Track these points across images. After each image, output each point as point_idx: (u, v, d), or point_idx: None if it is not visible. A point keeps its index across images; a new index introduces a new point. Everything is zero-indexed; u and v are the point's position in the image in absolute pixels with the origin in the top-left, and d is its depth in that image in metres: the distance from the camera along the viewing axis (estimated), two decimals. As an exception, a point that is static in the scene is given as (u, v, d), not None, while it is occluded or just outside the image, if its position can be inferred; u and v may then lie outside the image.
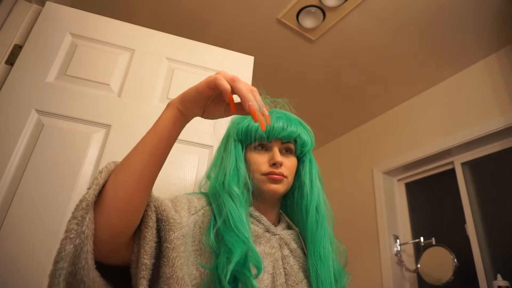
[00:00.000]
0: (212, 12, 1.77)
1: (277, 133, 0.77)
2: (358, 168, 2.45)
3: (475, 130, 1.79)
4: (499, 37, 1.73)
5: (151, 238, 0.57)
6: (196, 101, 0.57)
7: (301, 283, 0.71)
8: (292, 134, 0.78)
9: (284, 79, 2.19)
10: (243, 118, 0.81)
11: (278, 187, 0.75)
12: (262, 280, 0.67)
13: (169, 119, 0.58)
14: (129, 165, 0.56)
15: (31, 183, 0.94)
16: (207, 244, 0.66)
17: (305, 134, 0.82)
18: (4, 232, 0.88)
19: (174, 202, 0.69)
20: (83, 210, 0.50)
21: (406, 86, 2.15)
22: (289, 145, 0.80)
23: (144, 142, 0.58)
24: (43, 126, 1.02)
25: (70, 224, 0.50)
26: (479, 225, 1.75)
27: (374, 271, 2.05)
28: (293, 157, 0.81)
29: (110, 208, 0.53)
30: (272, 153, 0.77)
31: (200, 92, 0.56)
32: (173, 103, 0.59)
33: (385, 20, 1.71)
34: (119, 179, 0.55)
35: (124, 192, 0.54)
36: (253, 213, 0.76)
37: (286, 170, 0.77)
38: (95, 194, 0.52)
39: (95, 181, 0.54)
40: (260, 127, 0.56)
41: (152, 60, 1.21)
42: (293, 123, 0.80)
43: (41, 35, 1.13)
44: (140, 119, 1.11)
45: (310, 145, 0.83)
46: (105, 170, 0.56)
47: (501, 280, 1.50)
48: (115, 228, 0.54)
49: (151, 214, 0.59)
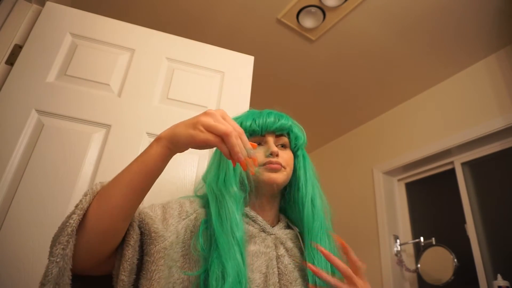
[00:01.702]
0: (212, 12, 1.77)
1: (269, 126, 0.79)
2: (358, 168, 2.45)
3: (475, 130, 1.79)
4: (499, 37, 1.73)
5: (130, 256, 0.59)
6: (189, 146, 0.58)
7: (295, 282, 0.71)
8: (284, 125, 0.81)
9: (284, 79, 2.19)
10: (236, 119, 0.82)
11: (276, 176, 0.76)
12: (254, 280, 0.67)
13: (158, 155, 0.57)
14: (112, 197, 0.56)
15: (31, 183, 0.94)
16: (195, 248, 0.66)
17: (296, 129, 0.84)
18: (4, 232, 0.88)
19: (165, 208, 0.70)
20: (68, 236, 0.52)
21: (406, 86, 2.15)
22: (283, 139, 0.82)
23: (129, 175, 0.57)
24: (43, 126, 1.02)
25: (56, 249, 0.52)
26: (479, 225, 1.75)
27: (374, 271, 2.05)
28: (289, 151, 0.83)
29: (91, 232, 0.55)
30: (268, 145, 0.79)
31: (196, 142, 0.56)
32: (162, 140, 0.58)
33: (385, 20, 1.71)
34: (102, 207, 0.55)
35: (106, 220, 0.55)
36: (248, 213, 0.77)
37: (283, 161, 0.78)
38: (79, 219, 0.54)
39: (79, 204, 0.55)
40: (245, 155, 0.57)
41: (152, 60, 1.21)
42: (284, 117, 0.83)
43: (41, 35, 1.13)
44: (140, 119, 1.11)
45: (302, 140, 0.85)
46: (90, 193, 0.57)
47: (501, 280, 1.50)
48: (96, 249, 0.57)
49: (133, 233, 0.61)
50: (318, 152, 2.95)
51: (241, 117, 0.83)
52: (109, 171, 1.01)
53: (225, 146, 0.54)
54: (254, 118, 0.81)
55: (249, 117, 0.81)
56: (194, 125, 0.55)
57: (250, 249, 0.71)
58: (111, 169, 1.02)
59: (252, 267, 0.69)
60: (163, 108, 1.16)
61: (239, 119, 0.82)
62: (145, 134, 1.09)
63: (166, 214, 0.68)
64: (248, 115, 0.83)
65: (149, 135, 1.10)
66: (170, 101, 1.17)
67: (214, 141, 0.54)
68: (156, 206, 0.70)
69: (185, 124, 0.57)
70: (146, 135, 1.10)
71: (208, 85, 1.24)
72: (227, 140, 0.54)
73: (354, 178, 2.47)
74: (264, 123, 0.79)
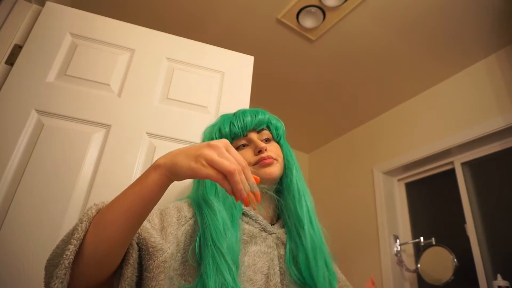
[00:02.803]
0: (212, 12, 1.77)
1: (248, 125, 0.80)
2: (358, 168, 2.45)
3: (475, 130, 1.79)
4: (499, 37, 1.73)
5: (129, 275, 0.57)
6: (189, 178, 0.55)
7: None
8: (262, 120, 0.82)
9: (284, 79, 2.19)
10: (213, 126, 0.84)
11: (272, 169, 0.77)
12: (256, 281, 0.67)
13: (156, 183, 0.54)
14: (109, 224, 0.54)
15: (31, 183, 0.94)
16: (190, 256, 0.65)
17: (274, 120, 0.86)
18: (4, 231, 0.88)
19: (163, 215, 0.69)
20: (66, 269, 0.51)
21: (406, 86, 2.15)
22: (265, 133, 0.83)
23: (126, 202, 0.54)
24: (43, 126, 1.02)
25: (54, 284, 0.50)
26: (479, 225, 1.75)
27: (374, 271, 2.05)
28: (274, 143, 0.84)
29: (88, 260, 0.53)
30: (254, 143, 0.79)
31: (197, 176, 0.53)
32: (161, 169, 0.54)
33: (385, 20, 1.71)
34: (99, 235, 0.53)
35: (104, 247, 0.53)
36: (248, 212, 0.76)
37: (273, 153, 0.79)
38: (75, 250, 0.52)
39: (75, 234, 0.52)
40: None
41: (152, 60, 1.21)
42: (260, 112, 0.84)
43: (41, 35, 1.13)
44: (140, 119, 1.11)
45: (282, 129, 0.87)
46: (86, 219, 0.54)
47: (501, 280, 1.50)
48: (93, 274, 0.55)
49: (132, 251, 0.59)
50: (318, 152, 2.95)
51: (217, 124, 0.83)
52: (109, 171, 1.02)
53: (227, 184, 0.51)
54: (231, 121, 0.81)
55: (226, 122, 0.82)
56: (196, 158, 0.52)
57: (251, 250, 0.71)
58: (111, 169, 1.02)
59: (255, 268, 0.68)
60: (163, 108, 1.16)
61: (215, 126, 0.83)
62: (145, 134, 1.10)
63: (164, 223, 0.67)
64: (224, 121, 0.83)
65: (149, 135, 1.10)
66: (170, 101, 1.17)
67: (217, 177, 0.51)
68: (153, 213, 0.68)
69: (187, 155, 0.53)
70: (146, 135, 1.10)
71: (208, 85, 1.24)
72: (231, 178, 0.50)
73: (354, 178, 2.47)
74: (243, 124, 0.80)
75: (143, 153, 1.07)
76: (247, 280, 0.66)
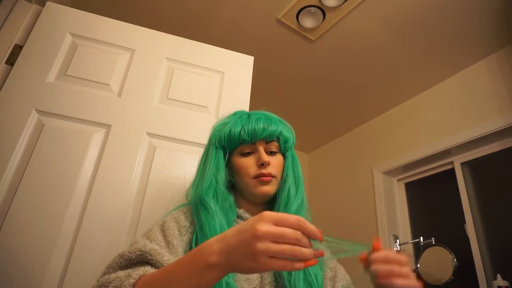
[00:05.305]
0: (212, 12, 1.77)
1: (259, 134, 0.78)
2: (358, 168, 2.45)
3: (475, 130, 1.79)
4: (499, 37, 1.74)
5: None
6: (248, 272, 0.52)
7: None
8: (274, 132, 0.79)
9: (284, 79, 2.19)
10: (224, 125, 0.82)
11: (268, 189, 0.77)
12: (252, 280, 0.69)
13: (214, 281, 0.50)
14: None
15: (31, 183, 0.94)
16: None
17: (286, 131, 0.83)
18: (4, 231, 0.88)
19: (164, 231, 0.70)
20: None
21: (406, 86, 2.15)
22: (273, 145, 0.81)
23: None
24: (43, 126, 1.02)
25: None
26: (479, 225, 1.75)
27: (374, 271, 2.05)
28: (279, 156, 0.82)
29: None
30: (259, 154, 0.78)
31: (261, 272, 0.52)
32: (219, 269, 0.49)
33: (385, 20, 1.71)
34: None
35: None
36: (243, 215, 0.78)
37: (274, 169, 0.78)
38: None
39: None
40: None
41: (152, 60, 1.21)
42: (273, 122, 0.81)
43: (41, 35, 1.13)
44: (140, 119, 1.11)
45: (291, 141, 0.84)
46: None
47: (501, 280, 1.50)
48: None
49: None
50: (318, 152, 2.95)
51: (230, 122, 0.81)
52: (109, 171, 1.02)
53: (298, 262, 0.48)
54: (243, 125, 0.79)
55: (238, 124, 0.79)
56: (253, 257, 0.46)
57: None
58: (111, 169, 1.02)
59: None
60: (163, 108, 1.16)
61: (227, 126, 0.80)
62: (145, 134, 1.10)
63: (168, 237, 0.69)
64: (236, 121, 0.81)
65: (149, 135, 1.10)
66: (170, 101, 1.18)
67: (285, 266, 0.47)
68: (155, 230, 0.70)
69: (242, 254, 0.48)
70: (146, 135, 1.10)
71: (208, 85, 1.24)
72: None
73: (354, 178, 2.47)
74: (253, 131, 0.77)
75: (143, 153, 1.07)
76: (244, 280, 0.69)
